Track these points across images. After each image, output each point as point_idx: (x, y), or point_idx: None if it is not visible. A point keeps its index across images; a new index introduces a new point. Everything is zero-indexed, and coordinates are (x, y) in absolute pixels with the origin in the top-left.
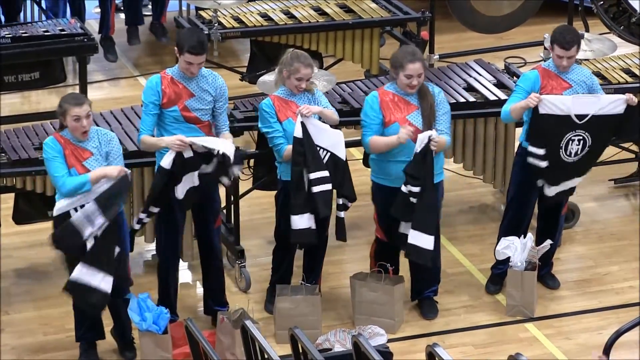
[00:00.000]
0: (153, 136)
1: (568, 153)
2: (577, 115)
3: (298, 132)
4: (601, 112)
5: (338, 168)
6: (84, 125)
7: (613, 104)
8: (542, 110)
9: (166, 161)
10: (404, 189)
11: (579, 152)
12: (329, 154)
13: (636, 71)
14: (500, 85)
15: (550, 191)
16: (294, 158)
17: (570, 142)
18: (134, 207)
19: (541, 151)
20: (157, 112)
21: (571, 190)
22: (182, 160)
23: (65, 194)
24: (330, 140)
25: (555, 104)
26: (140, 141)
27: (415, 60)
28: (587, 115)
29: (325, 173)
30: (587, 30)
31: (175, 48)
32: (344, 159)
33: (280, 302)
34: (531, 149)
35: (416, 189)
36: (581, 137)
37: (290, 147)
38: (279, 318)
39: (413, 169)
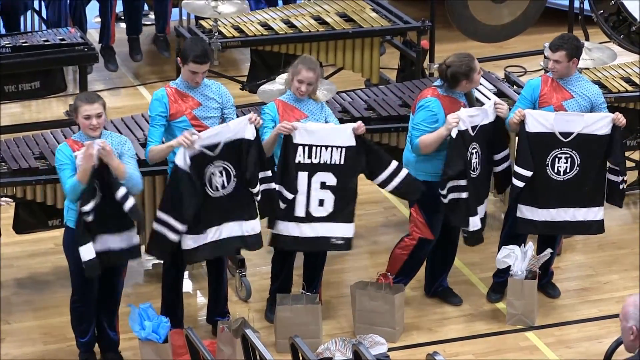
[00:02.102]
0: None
1: (556, 171)
2: (561, 133)
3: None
4: (587, 131)
5: (361, 154)
6: (94, 124)
7: (599, 123)
8: (527, 128)
9: (180, 158)
10: (448, 194)
11: (567, 171)
12: (343, 149)
13: (636, 80)
14: (500, 94)
15: (552, 215)
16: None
17: (557, 159)
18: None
19: (528, 173)
20: (164, 124)
21: (594, 227)
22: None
23: (71, 200)
24: (340, 136)
25: (539, 119)
26: (148, 152)
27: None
28: (572, 133)
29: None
30: (587, 39)
31: (178, 58)
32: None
33: (281, 311)
34: (517, 169)
35: (463, 182)
36: (568, 155)
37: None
38: (280, 327)
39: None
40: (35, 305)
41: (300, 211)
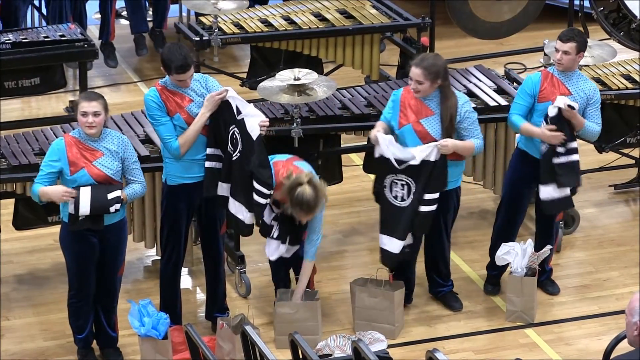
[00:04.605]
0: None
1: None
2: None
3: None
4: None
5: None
6: (89, 122)
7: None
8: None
9: None
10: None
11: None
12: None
13: (636, 77)
14: (500, 91)
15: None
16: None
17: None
18: (134, 216)
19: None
20: (169, 119)
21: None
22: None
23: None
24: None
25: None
26: (177, 148)
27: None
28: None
29: None
30: (588, 36)
31: (162, 68)
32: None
33: (280, 307)
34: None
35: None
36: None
37: None
38: (279, 323)
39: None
40: (34, 301)
41: None
